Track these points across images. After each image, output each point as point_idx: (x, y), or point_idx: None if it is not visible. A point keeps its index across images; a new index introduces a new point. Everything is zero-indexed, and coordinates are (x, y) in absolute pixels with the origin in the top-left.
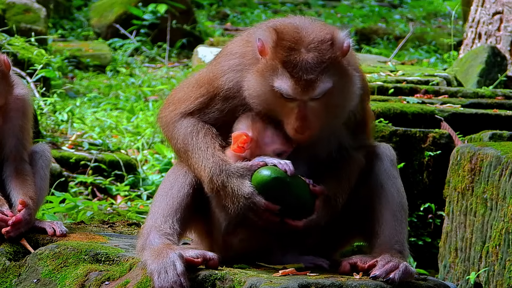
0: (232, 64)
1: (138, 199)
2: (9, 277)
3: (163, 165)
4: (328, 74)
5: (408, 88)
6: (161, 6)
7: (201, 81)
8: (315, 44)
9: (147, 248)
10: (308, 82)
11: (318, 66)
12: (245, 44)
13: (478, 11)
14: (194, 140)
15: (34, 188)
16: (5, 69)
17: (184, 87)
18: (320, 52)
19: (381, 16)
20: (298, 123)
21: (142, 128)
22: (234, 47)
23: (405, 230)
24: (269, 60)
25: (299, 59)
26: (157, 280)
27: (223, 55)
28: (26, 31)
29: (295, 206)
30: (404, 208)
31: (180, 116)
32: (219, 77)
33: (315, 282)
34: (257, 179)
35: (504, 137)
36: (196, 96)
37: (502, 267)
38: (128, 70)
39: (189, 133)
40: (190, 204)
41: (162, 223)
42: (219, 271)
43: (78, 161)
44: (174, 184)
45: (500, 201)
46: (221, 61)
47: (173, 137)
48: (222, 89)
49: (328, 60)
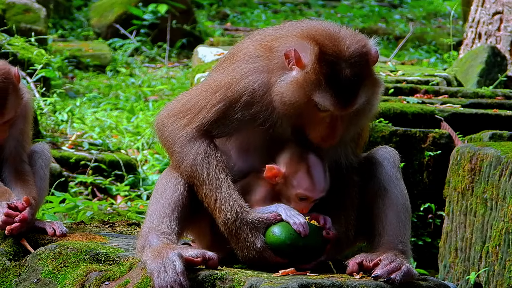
0: (256, 66)
1: (138, 199)
2: (9, 277)
3: (163, 165)
4: (365, 89)
5: (408, 88)
6: (161, 6)
7: (217, 86)
8: (355, 59)
9: (147, 248)
10: (349, 99)
11: (359, 83)
12: (266, 49)
13: (478, 11)
14: (205, 173)
15: (35, 189)
16: (16, 82)
17: (195, 94)
18: (360, 67)
19: (381, 16)
20: (328, 132)
21: (142, 128)
22: (254, 51)
23: (409, 232)
24: (310, 73)
25: (342, 75)
26: (157, 279)
27: (240, 59)
28: (26, 31)
29: (305, 255)
30: (408, 210)
31: (194, 134)
32: (240, 80)
33: (315, 282)
34: (270, 239)
35: (504, 137)
36: (213, 103)
37: (502, 267)
38: (128, 70)
39: (199, 162)
40: (186, 205)
41: (159, 223)
42: (219, 271)
43: (78, 161)
44: (167, 186)
45: (500, 201)
46: (241, 65)
47: (180, 159)
48: (244, 93)
49: (366, 75)
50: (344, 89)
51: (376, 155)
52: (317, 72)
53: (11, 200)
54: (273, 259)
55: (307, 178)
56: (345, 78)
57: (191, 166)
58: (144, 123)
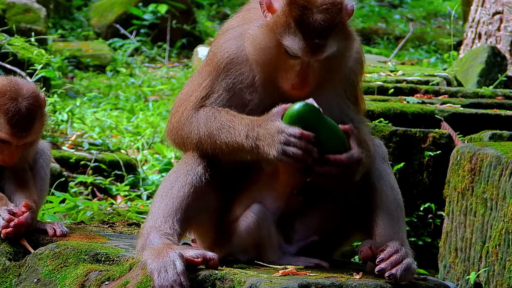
0: (231, 35)
1: (138, 199)
2: (9, 277)
3: (163, 165)
4: (336, 38)
5: (408, 88)
6: (161, 6)
7: (201, 67)
8: (327, 6)
9: (147, 248)
10: (318, 45)
11: (329, 30)
12: (243, 16)
13: (478, 11)
14: (217, 119)
15: (35, 191)
16: (44, 107)
17: (186, 86)
18: (331, 15)
19: (381, 16)
20: (298, 80)
21: (142, 128)
22: (231, 23)
23: (404, 228)
24: (280, 16)
25: (312, 19)
26: (157, 279)
27: (220, 34)
28: (26, 31)
29: (331, 140)
30: (399, 205)
31: (192, 112)
32: (217, 51)
33: (315, 282)
34: (289, 113)
35: (504, 137)
36: (200, 82)
37: (502, 267)
38: (128, 70)
39: (209, 116)
40: (190, 204)
41: (162, 223)
42: (219, 271)
43: (78, 161)
44: (174, 184)
45: (500, 201)
46: (219, 39)
47: (193, 130)
48: (223, 61)
49: (337, 24)
50: (313, 34)
51: None
52: (287, 15)
53: (9, 206)
54: (298, 132)
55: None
56: (314, 22)
57: (204, 125)
58: (144, 123)
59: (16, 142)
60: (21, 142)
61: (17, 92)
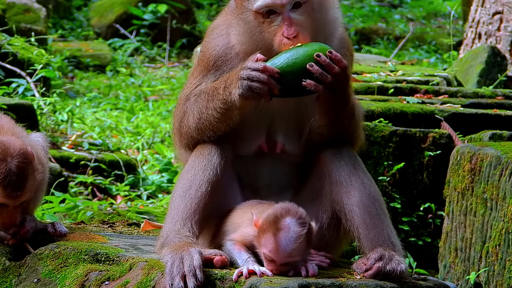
0: (217, 33)
1: (138, 199)
2: (9, 277)
3: (163, 165)
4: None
5: (408, 88)
6: (161, 6)
7: (194, 68)
8: None
9: (166, 246)
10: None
11: None
12: (225, 13)
13: (478, 11)
14: (204, 93)
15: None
16: (33, 162)
17: (184, 86)
18: None
19: (381, 16)
20: (285, 28)
21: (142, 128)
22: (215, 22)
23: (387, 222)
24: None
25: None
26: (169, 268)
27: (207, 34)
28: (26, 31)
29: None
30: (376, 198)
31: (185, 102)
32: (207, 50)
33: (315, 282)
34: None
35: (504, 137)
36: (193, 83)
37: (502, 267)
38: (128, 70)
39: (197, 96)
40: (207, 203)
41: (181, 226)
42: (219, 271)
43: (78, 161)
44: (192, 182)
45: (500, 201)
46: (206, 38)
47: (189, 118)
48: (212, 59)
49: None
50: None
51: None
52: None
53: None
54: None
55: (273, 241)
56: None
57: (195, 108)
58: (144, 123)
59: (13, 203)
60: (18, 202)
61: (4, 152)
